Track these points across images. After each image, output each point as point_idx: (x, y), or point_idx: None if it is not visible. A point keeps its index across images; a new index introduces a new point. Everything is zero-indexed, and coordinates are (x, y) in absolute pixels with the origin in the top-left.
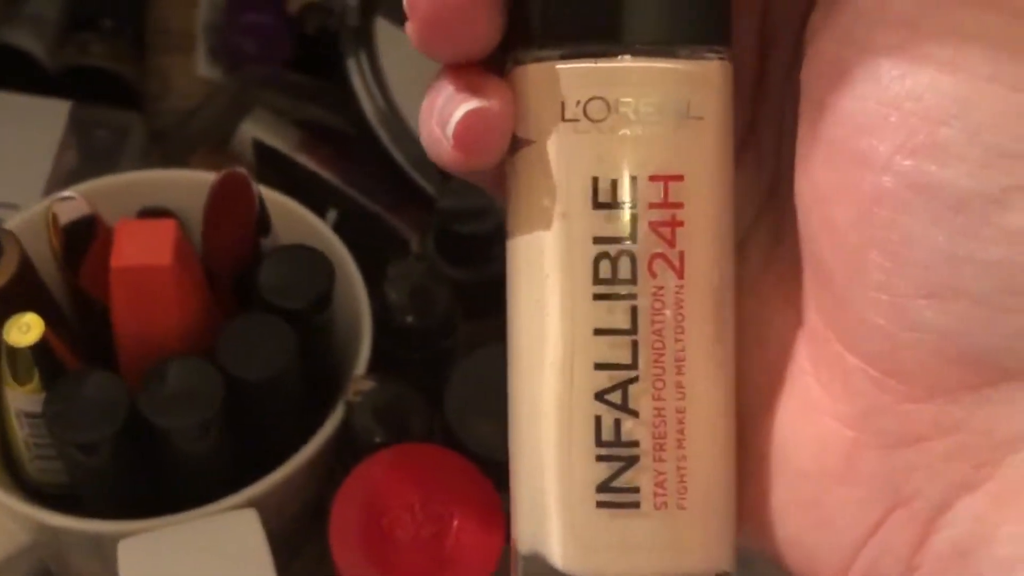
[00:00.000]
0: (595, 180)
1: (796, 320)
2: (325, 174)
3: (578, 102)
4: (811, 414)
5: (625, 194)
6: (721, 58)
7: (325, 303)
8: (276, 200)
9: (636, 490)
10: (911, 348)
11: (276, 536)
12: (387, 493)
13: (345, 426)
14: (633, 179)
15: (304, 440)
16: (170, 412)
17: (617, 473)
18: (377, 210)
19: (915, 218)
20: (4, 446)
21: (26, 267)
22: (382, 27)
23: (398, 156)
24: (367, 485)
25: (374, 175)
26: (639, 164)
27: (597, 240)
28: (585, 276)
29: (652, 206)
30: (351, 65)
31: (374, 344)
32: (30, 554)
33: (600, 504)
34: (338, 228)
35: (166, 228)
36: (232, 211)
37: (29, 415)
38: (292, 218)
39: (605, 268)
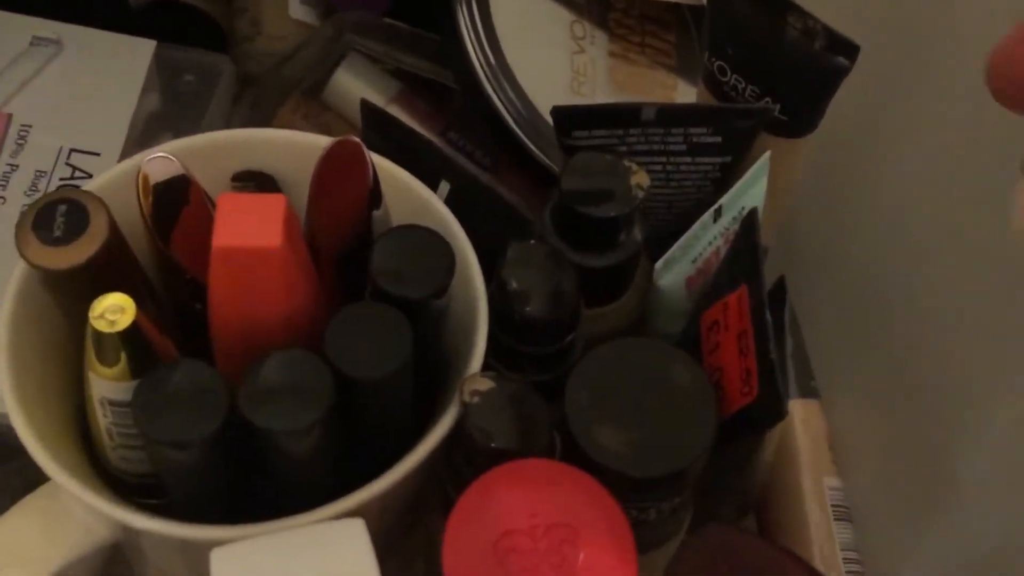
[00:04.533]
0: None
1: None
2: (436, 140)
3: None
4: None
5: None
6: None
7: (443, 292)
8: (386, 170)
9: None
10: None
11: (373, 540)
12: (507, 514)
13: (457, 427)
14: None
15: (412, 441)
16: (274, 411)
17: None
18: (491, 183)
19: None
20: (83, 430)
21: (115, 237)
22: None
23: (509, 117)
24: (485, 505)
25: (478, 136)
26: None
27: None
28: None
29: None
30: (460, 13)
31: (488, 335)
32: (108, 550)
33: None
34: (449, 202)
35: (275, 204)
36: (343, 183)
37: (114, 403)
38: (403, 191)
39: None
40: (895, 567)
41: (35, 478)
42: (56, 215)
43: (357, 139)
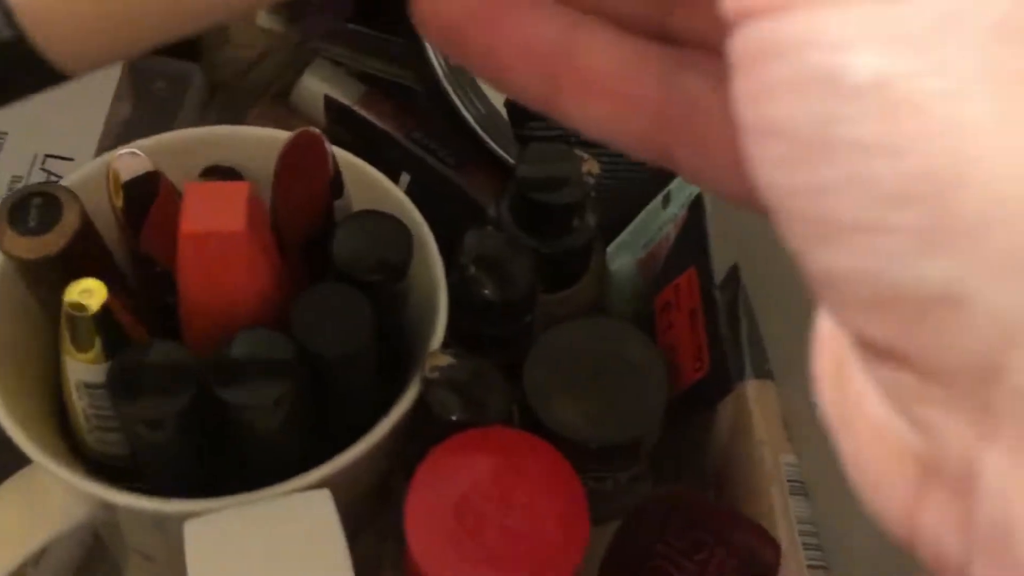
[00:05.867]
0: None
1: None
2: (395, 133)
3: None
4: None
5: None
6: None
7: (402, 274)
8: (347, 161)
9: None
10: None
11: (342, 514)
12: (466, 479)
13: (420, 402)
14: None
15: (376, 416)
16: (242, 387)
17: None
18: (449, 174)
19: None
20: (61, 416)
21: (87, 227)
22: None
23: (468, 115)
24: (445, 470)
25: (441, 135)
26: None
27: None
28: None
29: None
30: None
31: (449, 318)
32: (84, 529)
33: None
34: (410, 192)
35: (239, 191)
36: (305, 173)
37: (89, 385)
38: (363, 181)
39: None
40: (848, 538)
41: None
42: (31, 207)
43: (317, 130)
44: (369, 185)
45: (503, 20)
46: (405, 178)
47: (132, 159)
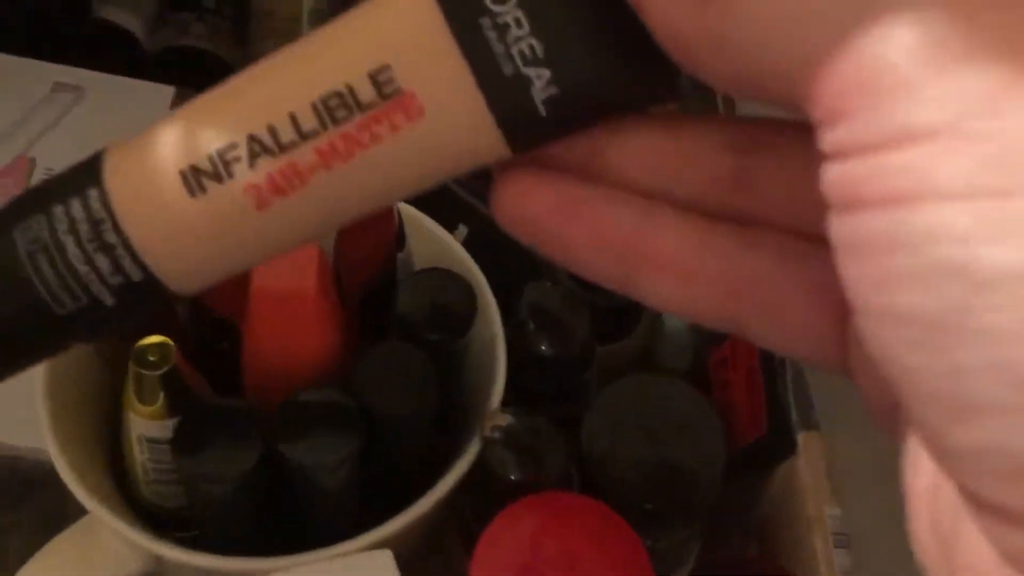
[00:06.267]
0: None
1: None
2: (453, 186)
3: None
4: None
5: None
6: None
7: (464, 332)
8: (407, 213)
9: None
10: None
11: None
12: (529, 546)
13: (479, 460)
14: None
15: (434, 473)
16: (307, 446)
17: None
18: None
19: None
20: (115, 465)
21: None
22: None
23: None
24: (508, 537)
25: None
26: None
27: None
28: None
29: None
30: None
31: (507, 375)
32: None
33: None
34: (467, 244)
35: (309, 248)
36: (370, 226)
37: (151, 440)
38: (421, 233)
39: None
40: None
41: (55, 511)
42: None
43: None
44: (430, 238)
45: (580, 213)
46: (463, 230)
47: None
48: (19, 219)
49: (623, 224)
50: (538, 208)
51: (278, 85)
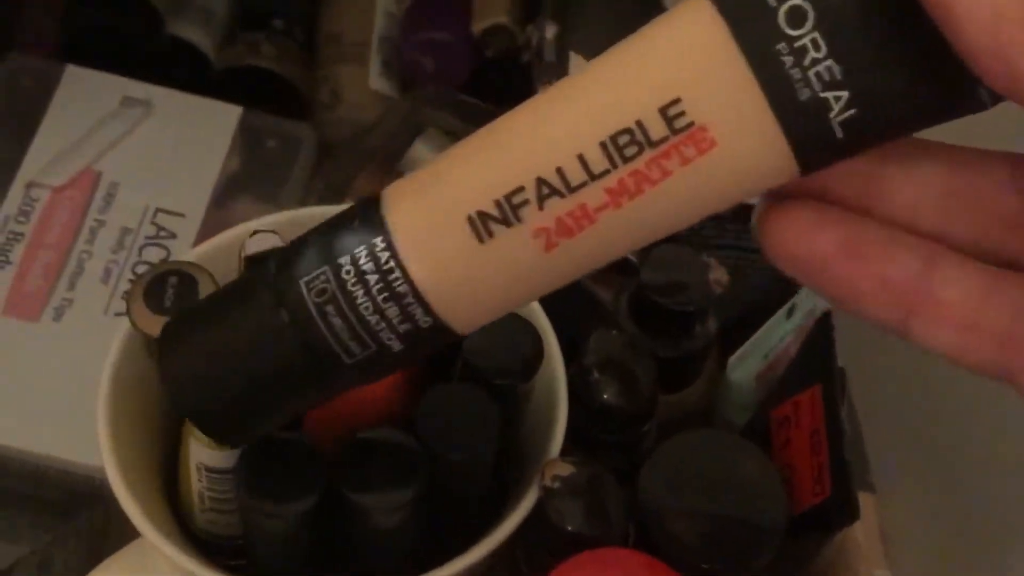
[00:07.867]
0: None
1: None
2: None
3: None
4: None
5: None
6: None
7: (530, 376)
8: None
9: None
10: None
11: None
12: None
13: (537, 508)
14: None
15: (490, 520)
16: (370, 487)
17: None
18: None
19: None
20: (172, 491)
21: None
22: (576, 63)
23: None
24: None
25: None
26: None
27: None
28: None
29: None
30: (542, 90)
31: (567, 421)
32: None
33: None
34: None
35: None
36: None
37: (210, 469)
38: None
39: None
40: None
41: (100, 528)
42: (167, 286)
43: None
44: None
45: (867, 256)
46: None
47: (264, 238)
48: (303, 272)
49: (908, 270)
50: (825, 248)
51: (563, 124)
